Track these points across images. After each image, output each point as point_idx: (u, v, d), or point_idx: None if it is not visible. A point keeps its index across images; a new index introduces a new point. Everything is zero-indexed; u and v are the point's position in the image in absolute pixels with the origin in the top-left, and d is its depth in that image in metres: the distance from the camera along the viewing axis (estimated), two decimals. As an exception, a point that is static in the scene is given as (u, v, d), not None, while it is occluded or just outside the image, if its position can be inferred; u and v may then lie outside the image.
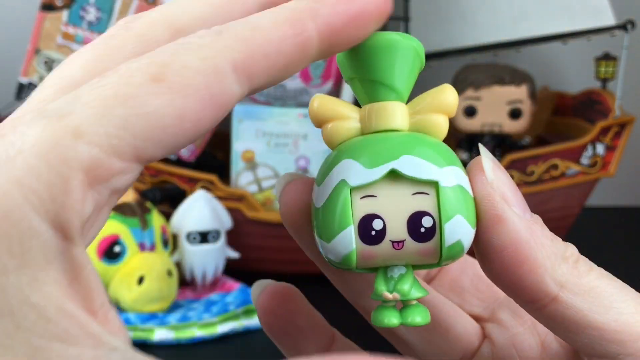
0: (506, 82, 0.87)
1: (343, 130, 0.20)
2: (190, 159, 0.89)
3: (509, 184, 0.19)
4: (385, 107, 0.20)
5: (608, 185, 1.02)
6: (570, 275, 0.18)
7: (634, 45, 0.89)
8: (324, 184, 0.19)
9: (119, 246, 0.72)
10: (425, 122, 0.20)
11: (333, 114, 0.20)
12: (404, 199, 0.19)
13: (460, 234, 0.18)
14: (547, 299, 0.18)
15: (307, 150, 0.84)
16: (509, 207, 0.19)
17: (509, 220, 0.18)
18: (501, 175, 0.19)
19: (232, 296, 0.75)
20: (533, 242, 0.18)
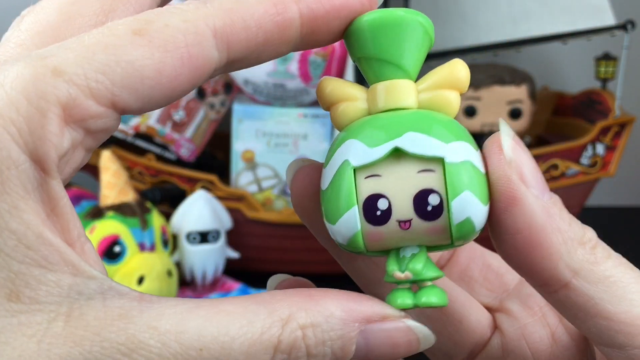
0: (506, 82, 0.87)
1: (351, 111, 0.20)
2: (190, 159, 0.89)
3: (528, 163, 0.18)
4: (392, 85, 0.19)
5: (608, 185, 1.02)
6: (585, 262, 0.18)
7: (634, 45, 0.89)
8: (329, 166, 0.19)
9: (119, 246, 0.72)
10: (435, 99, 0.19)
11: (341, 95, 0.20)
12: (409, 177, 0.18)
13: (470, 211, 0.18)
14: (559, 285, 0.18)
15: (307, 150, 0.84)
16: (526, 188, 0.18)
17: (525, 202, 0.18)
18: (521, 153, 0.18)
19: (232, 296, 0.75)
20: (549, 226, 0.18)
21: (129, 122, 0.85)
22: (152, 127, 0.86)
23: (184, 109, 0.87)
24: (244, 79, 0.82)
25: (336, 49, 0.80)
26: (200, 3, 0.17)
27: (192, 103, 0.87)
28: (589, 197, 0.89)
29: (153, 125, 0.86)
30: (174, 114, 0.86)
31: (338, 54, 0.80)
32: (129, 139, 0.86)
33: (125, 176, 0.77)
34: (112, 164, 0.76)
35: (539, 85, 1.00)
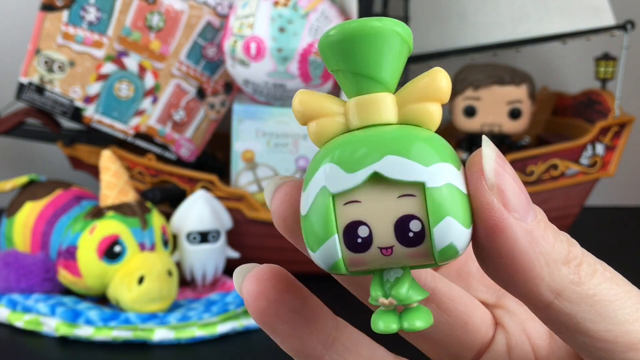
0: (506, 82, 0.87)
1: (328, 128, 0.19)
2: (191, 159, 0.89)
3: (511, 184, 0.18)
4: (369, 100, 0.18)
5: (608, 185, 1.02)
6: (568, 283, 0.18)
7: (634, 46, 0.89)
8: (307, 190, 0.18)
9: (119, 246, 0.72)
10: (415, 113, 0.18)
11: (317, 110, 0.19)
12: (389, 203, 0.17)
13: (452, 237, 0.17)
14: (542, 305, 0.18)
15: (307, 150, 0.84)
16: (508, 213, 0.18)
17: (507, 229, 0.17)
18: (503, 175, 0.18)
19: (232, 296, 0.75)
20: (532, 251, 0.18)
21: (129, 122, 0.85)
22: (152, 127, 0.86)
23: (184, 109, 0.87)
24: (244, 79, 0.82)
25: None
26: None
27: (192, 103, 0.87)
28: (589, 197, 0.89)
29: (153, 125, 0.86)
30: (174, 114, 0.87)
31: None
32: (129, 139, 0.86)
33: (126, 176, 0.77)
34: (112, 164, 0.76)
35: (539, 85, 1.00)
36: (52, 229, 0.76)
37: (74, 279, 0.72)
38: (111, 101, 0.84)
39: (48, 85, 0.81)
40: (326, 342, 0.21)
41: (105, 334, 0.68)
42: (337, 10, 0.82)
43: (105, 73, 0.83)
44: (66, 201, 0.78)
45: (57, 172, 0.96)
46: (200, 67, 0.87)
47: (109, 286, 0.72)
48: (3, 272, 0.73)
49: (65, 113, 0.83)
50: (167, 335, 0.68)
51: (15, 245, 0.78)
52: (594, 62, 0.91)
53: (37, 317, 0.70)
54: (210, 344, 0.69)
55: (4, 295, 0.73)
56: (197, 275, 0.78)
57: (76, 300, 0.73)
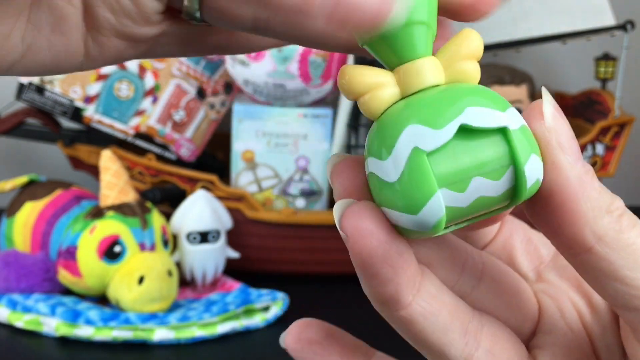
0: (506, 82, 0.87)
1: (384, 99, 0.19)
2: (191, 159, 0.89)
3: (566, 131, 0.19)
4: (420, 65, 0.19)
5: (608, 185, 1.02)
6: (610, 230, 0.19)
7: (634, 46, 0.89)
8: (392, 157, 0.18)
9: (119, 246, 0.72)
10: (459, 72, 0.20)
11: (367, 84, 0.19)
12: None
13: (538, 173, 0.19)
14: (583, 249, 0.19)
15: (307, 150, 0.84)
16: (563, 154, 0.19)
17: (562, 167, 0.19)
18: (560, 121, 0.19)
19: (232, 296, 0.75)
20: (581, 192, 0.19)
21: (129, 122, 0.85)
22: (153, 127, 0.86)
23: (184, 109, 0.87)
24: (244, 79, 0.82)
25: (336, 49, 0.80)
26: None
27: (192, 103, 0.87)
28: (589, 197, 0.89)
29: (153, 125, 0.86)
30: (174, 114, 0.87)
31: (338, 54, 0.80)
32: (129, 139, 0.86)
33: (126, 176, 0.77)
34: (112, 164, 0.76)
35: (539, 85, 1.00)
36: (52, 229, 0.76)
37: (74, 279, 0.72)
38: (111, 101, 0.84)
39: (48, 85, 0.82)
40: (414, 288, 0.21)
41: (105, 334, 0.68)
42: (337, 10, 0.82)
43: (105, 73, 0.83)
44: (66, 201, 0.78)
45: (57, 172, 0.96)
46: (201, 67, 0.87)
47: (109, 286, 0.72)
48: (3, 272, 0.73)
49: (65, 113, 0.83)
50: (167, 335, 0.68)
51: (15, 245, 0.78)
52: (594, 62, 0.91)
53: (37, 317, 0.70)
54: (210, 344, 0.69)
55: (4, 296, 0.73)
56: (197, 275, 0.78)
57: (76, 300, 0.73)
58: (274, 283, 0.80)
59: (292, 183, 0.85)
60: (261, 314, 0.73)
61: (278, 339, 0.24)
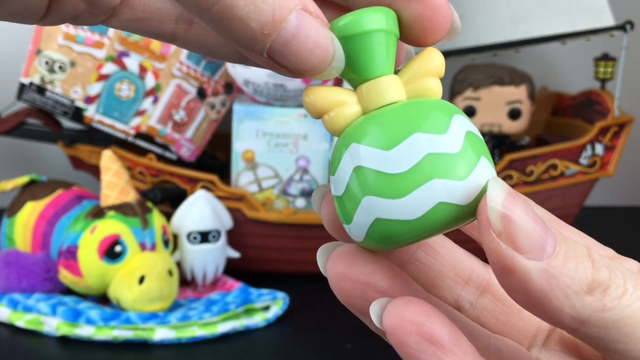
0: (505, 82, 0.88)
1: (345, 117, 0.20)
2: (191, 159, 0.89)
3: (522, 225, 0.18)
4: (379, 83, 0.20)
5: (607, 185, 1.02)
6: (592, 311, 0.18)
7: (633, 46, 0.89)
8: (338, 172, 0.20)
9: (120, 246, 0.72)
10: (421, 89, 0.20)
11: (329, 103, 0.20)
12: None
13: (485, 177, 0.19)
14: (568, 331, 0.18)
15: (307, 150, 0.84)
16: (519, 255, 0.18)
17: (518, 272, 0.18)
18: (511, 217, 0.18)
19: (233, 296, 0.76)
20: (548, 287, 0.18)
21: (130, 123, 0.85)
22: (153, 127, 0.86)
23: (184, 109, 0.87)
24: (244, 80, 0.83)
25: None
26: None
27: (192, 103, 0.87)
28: (588, 197, 0.89)
29: (154, 126, 0.86)
30: (174, 114, 0.87)
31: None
32: (130, 139, 0.86)
33: (126, 176, 0.77)
34: (113, 164, 0.76)
35: (538, 85, 1.00)
36: (53, 229, 0.76)
37: (75, 279, 0.72)
38: (112, 101, 0.84)
39: (49, 86, 0.82)
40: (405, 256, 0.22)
41: (106, 333, 0.68)
42: (337, 11, 0.82)
43: (106, 73, 0.83)
44: (67, 201, 0.78)
45: (58, 172, 0.97)
46: (201, 68, 0.87)
47: (110, 286, 0.72)
48: (4, 272, 0.74)
49: (66, 113, 0.83)
50: (167, 334, 0.68)
51: (16, 245, 0.78)
52: (594, 63, 0.91)
53: (38, 317, 0.70)
54: (211, 344, 0.69)
55: (5, 295, 0.73)
56: (198, 275, 0.78)
57: (77, 300, 0.73)
58: (274, 283, 0.80)
59: (292, 183, 0.85)
60: (261, 314, 0.73)
61: (278, 338, 0.24)
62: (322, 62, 0.18)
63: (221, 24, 0.18)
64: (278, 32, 0.18)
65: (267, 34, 0.18)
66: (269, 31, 0.18)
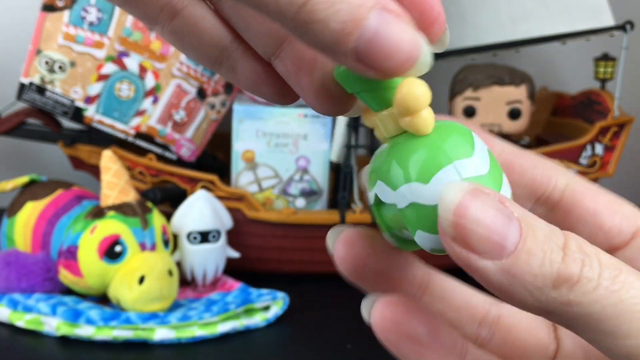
0: (505, 82, 0.88)
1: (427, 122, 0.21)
2: (191, 159, 0.89)
3: (477, 226, 0.18)
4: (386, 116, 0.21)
5: (607, 185, 1.02)
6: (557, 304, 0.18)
7: (633, 46, 0.89)
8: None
9: (120, 246, 0.72)
10: (408, 126, 0.20)
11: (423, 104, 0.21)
12: None
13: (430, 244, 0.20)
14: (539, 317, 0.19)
15: (307, 150, 0.84)
16: (478, 257, 0.18)
17: (477, 271, 0.18)
18: (464, 221, 0.18)
19: (233, 296, 0.76)
20: (508, 284, 0.18)
21: (130, 123, 0.85)
22: (153, 127, 0.86)
23: (184, 109, 0.87)
24: (244, 80, 0.82)
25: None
26: None
27: (192, 103, 0.87)
28: (588, 197, 0.89)
29: (154, 126, 0.86)
30: (174, 114, 0.87)
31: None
32: (130, 139, 0.86)
33: (126, 176, 0.77)
34: (113, 164, 0.76)
35: (538, 85, 1.00)
36: (53, 229, 0.76)
37: (75, 279, 0.72)
38: (112, 101, 0.84)
39: (49, 86, 0.82)
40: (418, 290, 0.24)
41: (106, 333, 0.68)
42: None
43: (106, 73, 0.83)
44: (67, 201, 0.78)
45: (58, 172, 0.97)
46: (201, 68, 0.87)
47: (110, 286, 0.72)
48: (4, 271, 0.74)
49: (66, 113, 0.83)
50: (167, 334, 0.68)
51: (16, 245, 0.78)
52: (594, 63, 0.91)
53: (38, 317, 0.70)
54: (211, 344, 0.69)
55: (5, 295, 0.73)
56: (198, 275, 0.78)
57: (77, 300, 0.73)
58: (274, 283, 0.80)
59: (292, 183, 0.85)
60: (261, 314, 0.73)
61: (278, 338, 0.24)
62: (409, 58, 0.18)
63: (305, 29, 0.18)
64: (360, 31, 0.17)
65: (349, 34, 0.17)
66: (350, 30, 0.17)
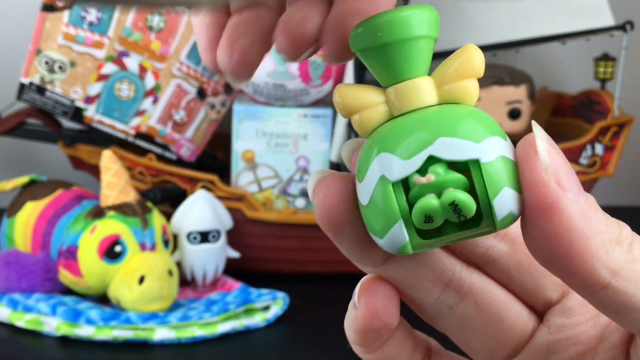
0: (505, 82, 0.88)
1: (373, 118, 0.19)
2: (191, 159, 0.89)
3: (563, 166, 0.18)
4: (409, 86, 0.19)
5: (607, 185, 1.02)
6: (624, 262, 0.18)
7: (633, 46, 0.89)
8: (365, 181, 0.19)
9: (120, 246, 0.72)
10: (455, 92, 0.19)
11: (360, 102, 0.20)
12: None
13: (511, 206, 0.18)
14: (599, 286, 0.18)
15: (307, 150, 0.84)
16: (563, 193, 0.18)
17: (563, 208, 0.18)
18: (556, 156, 0.18)
19: (233, 296, 0.76)
20: (587, 230, 0.18)
21: (130, 123, 0.85)
22: (153, 127, 0.86)
23: (184, 109, 0.87)
24: (244, 80, 0.82)
25: (336, 49, 0.80)
26: None
27: (192, 103, 0.87)
28: (588, 197, 0.89)
29: (154, 126, 0.86)
30: (174, 114, 0.87)
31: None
32: (130, 139, 0.86)
33: (126, 176, 0.77)
34: (113, 164, 0.76)
35: (538, 85, 1.00)
36: (53, 229, 0.76)
37: (75, 279, 0.72)
38: (112, 101, 0.84)
39: (49, 86, 0.82)
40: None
41: (106, 333, 0.68)
42: (337, 11, 0.82)
43: (106, 73, 0.83)
44: (67, 201, 0.78)
45: (57, 172, 0.97)
46: (201, 68, 0.87)
47: (110, 286, 0.72)
48: (4, 271, 0.74)
49: (66, 113, 0.83)
50: (167, 334, 0.68)
51: (16, 245, 0.78)
52: (594, 63, 0.91)
53: (38, 317, 0.70)
54: (211, 344, 0.69)
55: (5, 295, 0.73)
56: (198, 275, 0.78)
57: (77, 300, 0.73)
58: (274, 283, 0.80)
59: (292, 183, 0.85)
60: (261, 314, 0.73)
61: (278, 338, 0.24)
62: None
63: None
64: None
65: None
66: None
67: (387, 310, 0.21)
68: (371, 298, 0.21)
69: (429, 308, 0.22)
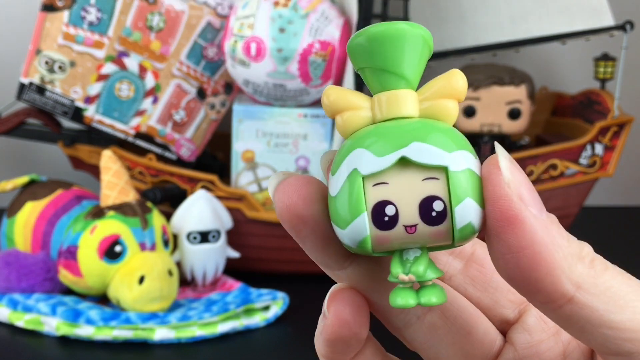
0: (505, 82, 0.88)
1: (355, 120, 0.21)
2: (191, 159, 0.89)
3: (525, 183, 0.19)
4: (394, 95, 0.20)
5: (607, 185, 1.02)
6: (586, 276, 0.18)
7: (633, 46, 0.89)
8: (337, 174, 0.20)
9: (120, 246, 0.72)
10: (435, 108, 0.20)
11: (345, 104, 0.21)
12: (415, 185, 0.19)
13: (471, 216, 0.19)
14: (564, 300, 0.18)
15: (307, 150, 0.84)
16: (525, 207, 0.18)
17: (526, 221, 0.18)
18: (518, 174, 0.19)
19: (233, 295, 0.76)
20: (550, 243, 0.18)
21: (130, 123, 0.85)
22: (153, 127, 0.86)
23: (184, 109, 0.87)
24: (244, 80, 0.83)
25: (336, 49, 0.80)
26: None
27: (192, 103, 0.87)
28: (588, 197, 0.89)
29: (154, 126, 0.86)
30: (174, 114, 0.87)
31: (338, 54, 0.81)
32: (130, 139, 0.86)
33: (126, 176, 0.77)
34: (113, 164, 0.76)
35: (538, 85, 1.00)
36: (53, 229, 0.76)
37: (75, 279, 0.72)
38: (112, 101, 0.84)
39: (49, 86, 0.82)
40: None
41: (106, 333, 0.68)
42: (337, 11, 0.82)
43: (105, 73, 0.83)
44: (67, 201, 0.78)
45: (57, 172, 0.97)
46: (201, 68, 0.87)
47: (110, 286, 0.72)
48: (4, 271, 0.74)
49: (66, 113, 0.83)
50: (167, 334, 0.68)
51: (16, 245, 0.78)
52: (593, 63, 0.91)
53: (37, 317, 0.70)
54: (211, 344, 0.69)
55: (5, 295, 0.73)
56: (198, 275, 0.78)
57: (77, 300, 0.73)
58: (274, 283, 0.80)
59: (292, 183, 0.85)
60: (261, 314, 0.73)
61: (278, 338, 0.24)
62: None
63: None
64: None
65: None
66: None
67: (356, 320, 0.21)
68: (340, 307, 0.21)
69: (396, 317, 0.22)
